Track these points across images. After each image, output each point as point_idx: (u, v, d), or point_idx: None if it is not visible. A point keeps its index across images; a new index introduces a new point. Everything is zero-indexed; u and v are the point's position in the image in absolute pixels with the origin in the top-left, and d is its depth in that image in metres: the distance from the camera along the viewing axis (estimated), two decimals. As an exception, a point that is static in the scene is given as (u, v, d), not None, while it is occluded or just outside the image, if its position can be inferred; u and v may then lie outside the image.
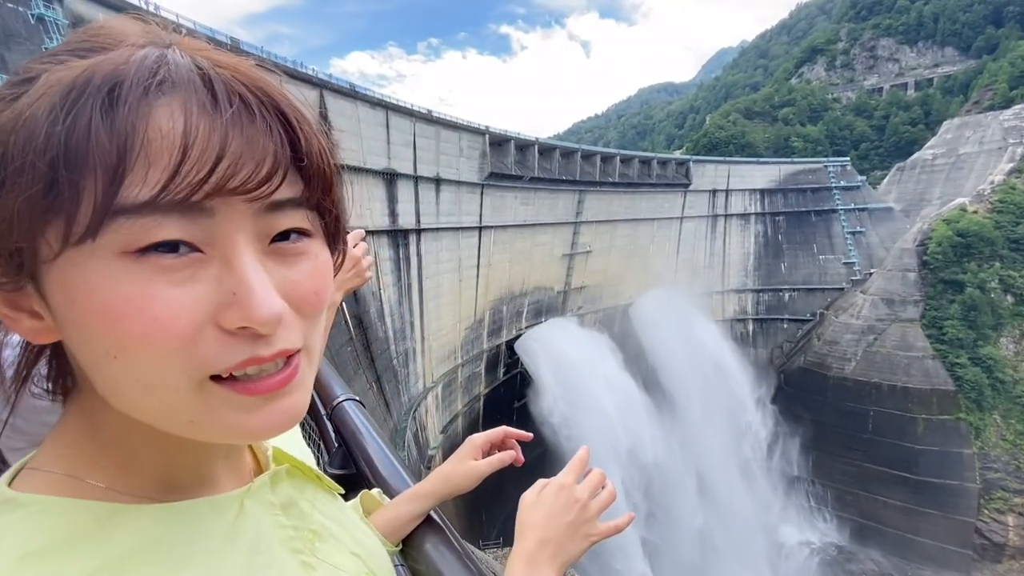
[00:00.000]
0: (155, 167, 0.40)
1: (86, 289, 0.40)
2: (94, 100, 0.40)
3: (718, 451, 46.23)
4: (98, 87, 0.40)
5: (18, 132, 0.40)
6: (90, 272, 0.40)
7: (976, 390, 40.91)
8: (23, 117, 0.40)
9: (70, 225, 0.39)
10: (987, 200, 48.08)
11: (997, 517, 38.95)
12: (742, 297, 59.62)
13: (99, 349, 0.42)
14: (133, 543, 0.44)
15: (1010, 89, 59.21)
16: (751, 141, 78.21)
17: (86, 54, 0.43)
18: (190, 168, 0.40)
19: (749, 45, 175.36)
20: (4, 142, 0.40)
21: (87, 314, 0.41)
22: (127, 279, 0.40)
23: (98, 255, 0.40)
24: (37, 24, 18.86)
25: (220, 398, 0.45)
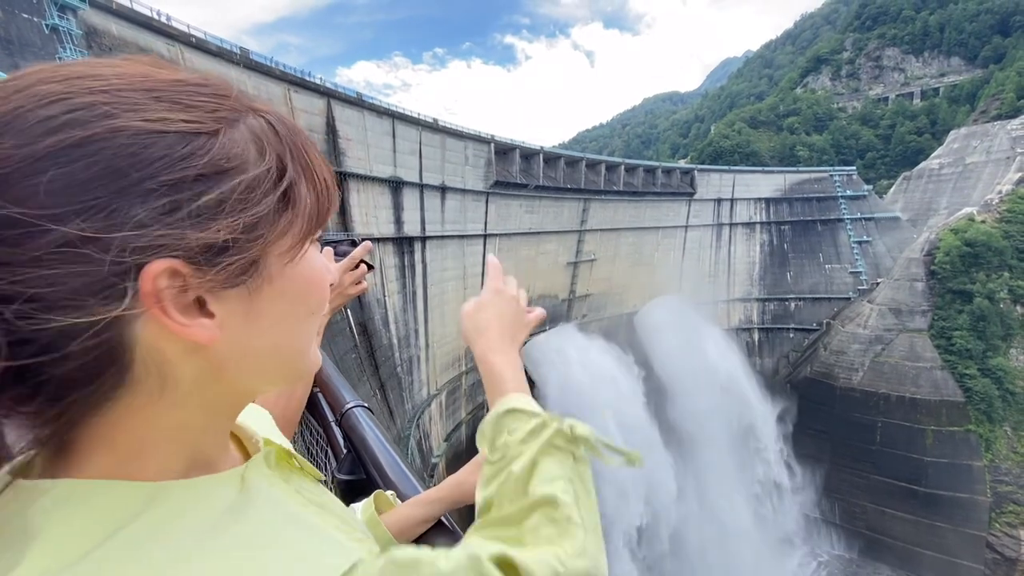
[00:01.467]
0: (332, 193, 0.66)
1: (309, 266, 0.63)
2: (309, 143, 0.63)
3: (727, 472, 45.76)
4: (300, 136, 0.63)
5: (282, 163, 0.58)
6: (310, 253, 0.63)
7: (986, 401, 40.38)
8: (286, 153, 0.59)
9: (318, 226, 0.62)
10: (995, 210, 47.77)
11: (1009, 531, 38.28)
12: (748, 306, 59.33)
13: (304, 310, 0.64)
14: (173, 513, 0.51)
15: (1017, 98, 59.09)
16: (756, 150, 78.19)
17: (243, 108, 0.58)
18: (334, 198, 0.66)
19: (754, 55, 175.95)
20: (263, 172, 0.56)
21: (306, 283, 0.63)
22: (317, 255, 0.66)
23: (311, 241, 0.64)
24: (51, 34, 19.15)
25: (314, 340, 0.70)
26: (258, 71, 25.91)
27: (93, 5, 20.45)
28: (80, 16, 20.06)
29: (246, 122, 0.56)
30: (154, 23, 22.48)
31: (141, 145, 0.48)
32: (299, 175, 0.59)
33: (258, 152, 0.55)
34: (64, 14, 19.46)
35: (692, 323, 52.36)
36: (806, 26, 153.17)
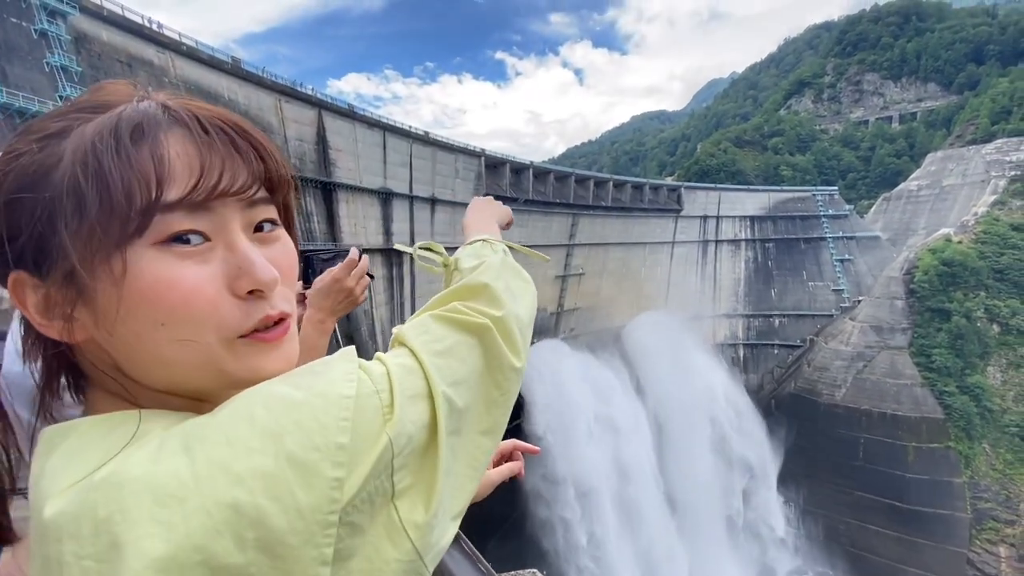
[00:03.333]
0: (179, 180, 0.60)
1: (135, 274, 0.59)
2: (130, 137, 0.60)
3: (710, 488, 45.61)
4: (129, 127, 0.60)
5: (74, 169, 0.58)
6: (137, 261, 0.59)
7: (965, 419, 41.06)
8: (72, 158, 0.59)
9: (124, 229, 0.58)
10: (971, 231, 49.14)
11: (989, 548, 38.70)
12: (733, 322, 59.92)
13: (148, 320, 0.60)
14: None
15: (991, 124, 61.09)
16: (741, 169, 79.69)
17: (97, 110, 0.63)
18: (204, 180, 0.62)
19: (739, 76, 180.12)
20: (56, 182, 0.58)
21: (138, 293, 0.59)
22: (162, 263, 0.60)
23: (140, 249, 0.59)
24: (40, 39, 18.96)
25: (246, 347, 0.65)
26: (249, 81, 25.88)
27: (83, 11, 20.35)
28: (70, 22, 19.91)
29: (81, 130, 0.61)
30: (145, 30, 22.39)
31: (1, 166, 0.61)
32: (101, 180, 0.58)
33: (68, 163, 0.59)
34: (54, 19, 19.32)
35: (678, 338, 52.66)
36: (789, 50, 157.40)
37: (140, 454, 0.52)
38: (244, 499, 0.49)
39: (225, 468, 0.50)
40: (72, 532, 0.49)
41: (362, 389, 0.60)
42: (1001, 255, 46.76)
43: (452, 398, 0.68)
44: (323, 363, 0.63)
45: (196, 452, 0.51)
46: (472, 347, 0.76)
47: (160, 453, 0.52)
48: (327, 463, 0.53)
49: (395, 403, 0.61)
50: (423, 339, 0.73)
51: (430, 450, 0.64)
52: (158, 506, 0.48)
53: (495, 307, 0.82)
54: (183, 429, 0.54)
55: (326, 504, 0.53)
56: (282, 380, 0.60)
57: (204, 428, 0.54)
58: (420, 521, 0.61)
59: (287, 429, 0.53)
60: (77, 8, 20.04)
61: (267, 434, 0.53)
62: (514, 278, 0.97)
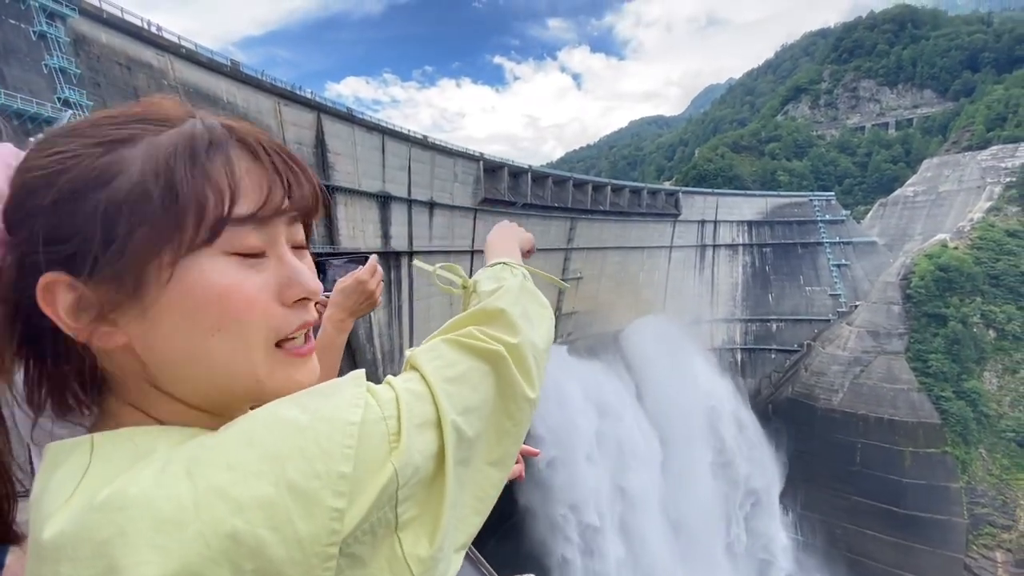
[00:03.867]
0: (248, 196, 0.64)
1: (201, 281, 0.61)
2: (205, 152, 0.63)
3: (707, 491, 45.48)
4: (204, 143, 0.63)
5: (143, 177, 0.59)
6: (204, 268, 0.61)
7: (961, 424, 41.14)
8: (145, 166, 0.60)
9: (194, 238, 0.60)
10: (967, 237, 49.37)
11: (986, 553, 38.71)
12: (731, 327, 60.01)
13: (202, 327, 0.62)
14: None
15: (987, 130, 61.49)
16: (739, 174, 79.97)
17: (163, 124, 0.64)
18: (270, 198, 0.66)
19: (736, 82, 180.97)
20: (123, 187, 0.59)
21: (200, 299, 0.61)
22: (229, 271, 0.63)
23: (209, 256, 0.62)
24: (39, 41, 18.96)
25: (280, 360, 0.68)
26: (248, 84, 25.90)
27: (82, 13, 20.36)
28: (69, 24, 19.92)
29: (150, 140, 0.62)
30: (144, 33, 22.41)
31: (36, 178, 0.59)
32: (180, 189, 0.60)
33: (141, 170, 0.60)
34: (53, 21, 19.33)
35: (677, 343, 52.68)
36: (786, 57, 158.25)
37: (144, 475, 0.51)
38: (243, 528, 0.49)
39: (225, 495, 0.50)
40: (71, 555, 0.48)
41: (368, 415, 0.59)
42: (997, 261, 46.98)
43: (462, 427, 0.67)
44: (332, 385, 0.63)
45: (197, 476, 0.51)
46: (485, 375, 0.75)
47: (163, 476, 0.51)
48: (328, 492, 0.53)
49: (403, 431, 0.60)
50: (435, 364, 0.72)
51: (437, 481, 0.63)
52: (157, 532, 0.47)
53: (511, 334, 0.81)
54: (188, 451, 0.54)
55: (326, 535, 0.52)
56: (290, 401, 0.60)
57: (208, 451, 0.54)
58: (424, 555, 0.60)
59: (289, 455, 0.53)
60: (76, 10, 20.05)
61: (269, 459, 0.53)
62: (532, 303, 0.96)
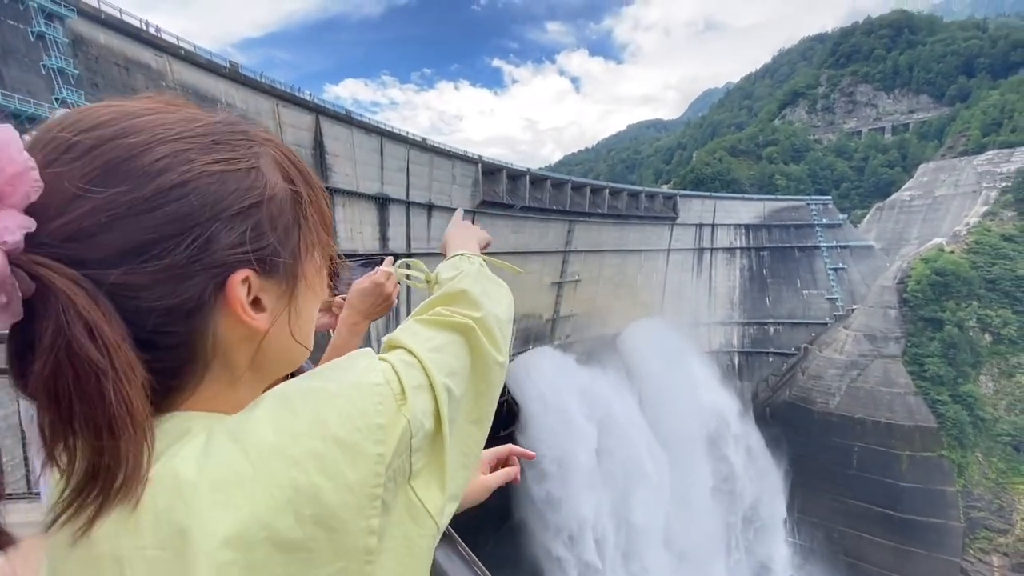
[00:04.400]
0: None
1: (321, 272, 0.81)
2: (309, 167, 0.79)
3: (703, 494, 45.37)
4: (299, 159, 0.78)
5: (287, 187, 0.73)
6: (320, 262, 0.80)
7: (958, 427, 41.23)
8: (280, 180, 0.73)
9: (327, 236, 0.79)
10: (963, 241, 49.59)
11: (982, 557, 38.76)
12: (728, 330, 60.08)
13: (317, 305, 0.82)
14: None
15: (983, 135, 61.83)
16: (736, 178, 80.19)
17: (263, 140, 0.74)
18: None
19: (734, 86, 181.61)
20: (284, 195, 0.73)
21: (323, 284, 0.81)
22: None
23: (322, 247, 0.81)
24: (37, 41, 18.93)
25: None
26: (247, 85, 25.90)
27: (81, 14, 20.34)
28: (67, 24, 19.90)
29: (268, 152, 0.73)
30: (143, 34, 22.40)
31: (219, 183, 0.65)
32: (309, 193, 0.76)
33: (282, 178, 0.73)
34: (51, 22, 19.31)
35: (675, 346, 52.69)
36: (783, 61, 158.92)
37: (188, 449, 0.57)
38: (301, 479, 0.56)
39: (279, 452, 0.57)
40: (130, 529, 0.53)
41: (386, 377, 0.69)
42: (992, 265, 47.18)
43: (450, 387, 0.76)
44: (348, 359, 0.73)
45: (246, 442, 0.57)
46: (459, 344, 0.84)
47: (210, 446, 0.57)
48: (369, 442, 0.61)
49: (406, 391, 0.69)
50: (416, 339, 0.80)
51: (437, 436, 0.72)
52: (219, 492, 0.53)
53: (474, 309, 0.90)
54: (225, 426, 0.61)
55: (372, 478, 0.60)
56: (311, 376, 0.68)
57: (248, 423, 0.60)
58: (438, 499, 0.70)
59: (329, 416, 0.61)
60: (75, 11, 20.04)
61: (313, 422, 0.60)
62: (490, 284, 1.06)
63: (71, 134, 0.61)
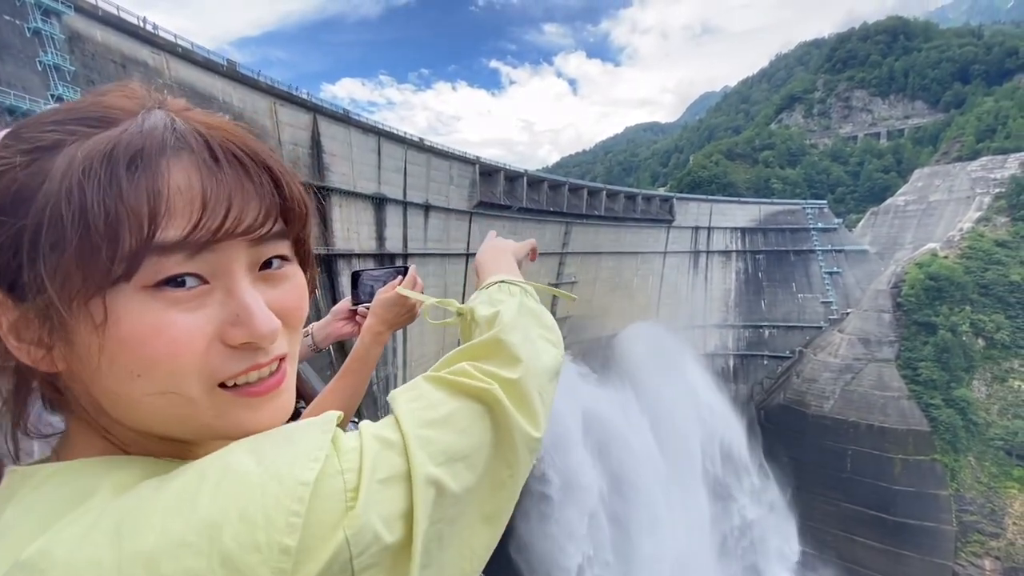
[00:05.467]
0: (179, 217, 0.52)
1: (115, 320, 0.51)
2: (126, 166, 0.51)
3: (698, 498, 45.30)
4: (126, 154, 0.52)
5: (58, 198, 0.49)
6: (120, 307, 0.51)
7: (951, 431, 41.48)
8: (59, 183, 0.50)
9: (108, 272, 0.50)
10: (957, 246, 49.94)
11: (974, 561, 38.97)
12: (723, 332, 60.28)
13: (123, 370, 0.53)
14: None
15: (977, 142, 62.31)
16: (733, 181, 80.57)
17: (97, 125, 0.54)
18: (208, 218, 0.53)
19: (731, 90, 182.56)
20: (38, 207, 0.49)
21: (119, 341, 0.52)
22: (149, 310, 0.52)
23: (126, 292, 0.51)
24: (33, 37, 18.84)
25: (229, 402, 0.58)
26: (244, 84, 25.82)
27: (78, 10, 20.24)
28: (64, 21, 19.80)
29: (74, 146, 0.52)
30: (140, 31, 22.31)
31: None
32: (82, 214, 0.49)
33: (56, 188, 0.50)
34: (48, 18, 19.21)
35: (670, 348, 52.80)
36: (780, 66, 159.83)
37: (71, 532, 0.46)
38: None
39: (150, 565, 0.43)
40: None
41: (326, 469, 0.50)
42: (986, 270, 47.53)
43: (443, 480, 0.57)
44: (300, 429, 0.55)
45: (126, 538, 0.44)
46: (477, 416, 0.64)
47: (91, 534, 0.45)
48: (266, 569, 0.45)
49: (362, 488, 0.50)
50: (413, 406, 0.62)
51: (403, 551, 0.52)
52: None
53: (511, 366, 0.71)
54: (126, 503, 0.47)
55: None
56: (250, 446, 0.52)
57: (145, 506, 0.47)
58: None
59: (230, 519, 0.46)
60: (72, 7, 19.93)
61: (207, 524, 0.45)
62: (534, 325, 0.85)
63: None
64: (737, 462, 47.73)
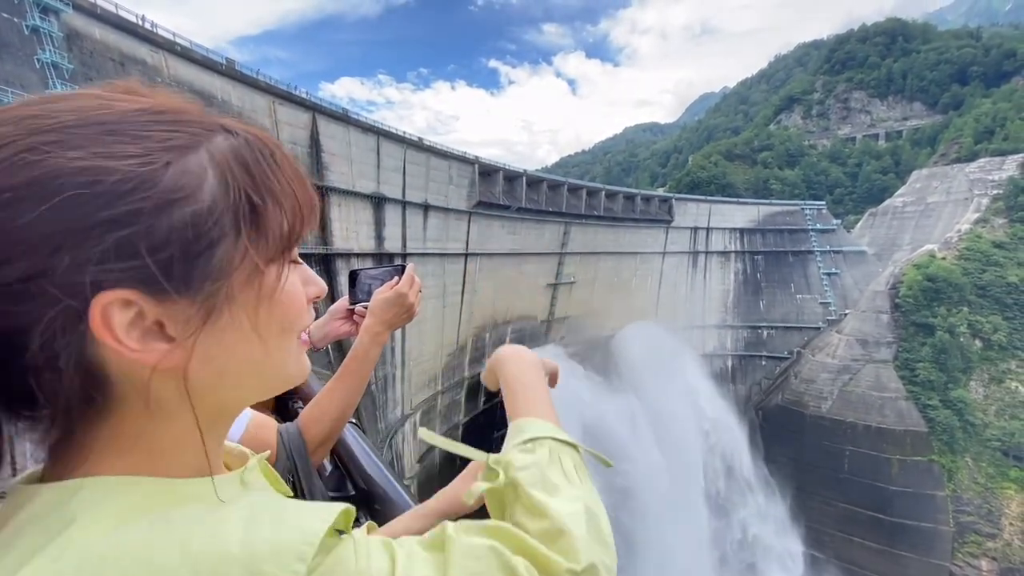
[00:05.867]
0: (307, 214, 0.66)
1: (279, 288, 0.63)
2: (271, 162, 0.62)
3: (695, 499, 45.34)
4: (268, 153, 0.62)
5: (223, 185, 0.56)
6: (275, 276, 0.63)
7: (948, 432, 41.57)
8: (223, 174, 0.57)
9: (289, 244, 0.63)
10: (955, 247, 50.06)
11: (971, 561, 39.07)
12: (722, 333, 60.34)
13: (278, 326, 0.64)
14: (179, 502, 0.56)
15: (975, 143, 62.48)
16: (731, 182, 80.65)
17: (204, 126, 0.59)
18: (317, 210, 0.68)
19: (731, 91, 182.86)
20: (210, 196, 0.55)
21: (276, 306, 0.63)
22: (293, 275, 0.66)
23: (279, 264, 0.63)
24: (31, 35, 18.77)
25: (300, 350, 0.72)
26: (243, 82, 25.76)
27: (76, 8, 20.17)
28: (63, 19, 19.73)
29: (208, 147, 0.57)
30: (139, 29, 22.24)
31: (84, 184, 0.48)
32: (263, 198, 0.59)
33: (217, 178, 0.56)
34: (46, 16, 19.14)
35: (668, 348, 52.82)
36: (779, 67, 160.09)
37: (36, 565, 0.45)
38: None
39: None
40: None
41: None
42: (983, 272, 47.65)
43: None
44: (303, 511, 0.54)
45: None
46: None
47: (49, 572, 0.45)
48: None
49: None
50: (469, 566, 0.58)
51: None
52: None
53: (574, 557, 0.65)
54: (90, 548, 0.46)
55: None
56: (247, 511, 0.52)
57: (111, 556, 0.45)
58: None
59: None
60: (70, 6, 19.87)
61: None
62: (597, 505, 0.77)
63: None
64: (739, 478, 47.74)
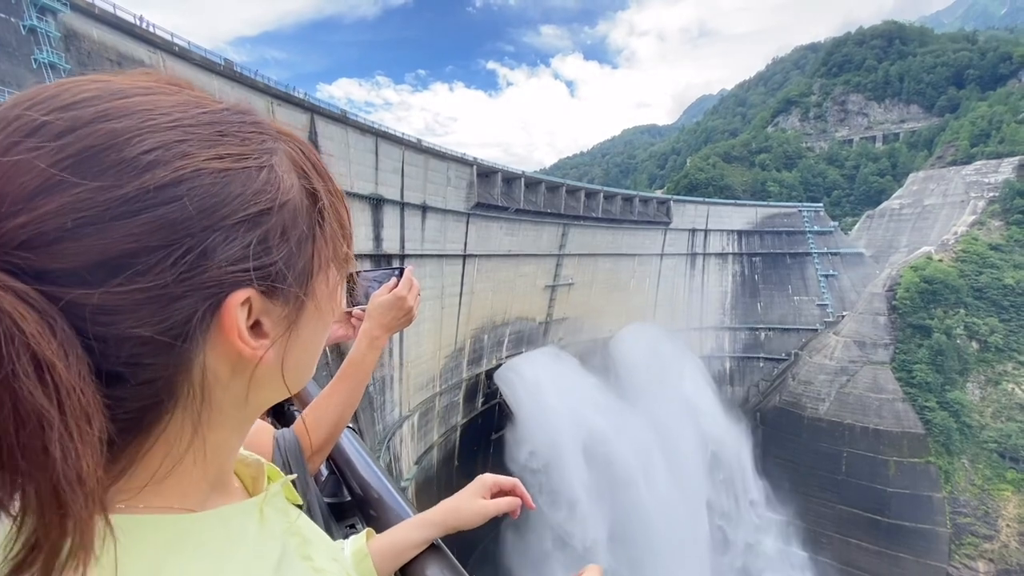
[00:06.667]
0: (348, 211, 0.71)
1: (333, 287, 0.67)
2: (325, 167, 0.67)
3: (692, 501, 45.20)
4: (318, 158, 0.67)
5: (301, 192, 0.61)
6: (338, 271, 0.67)
7: (945, 434, 41.65)
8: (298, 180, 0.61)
9: (345, 248, 0.67)
10: (951, 249, 50.22)
11: (968, 563, 39.13)
12: (719, 335, 60.40)
13: (328, 323, 0.69)
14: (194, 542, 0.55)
15: (971, 146, 62.76)
16: (729, 184, 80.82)
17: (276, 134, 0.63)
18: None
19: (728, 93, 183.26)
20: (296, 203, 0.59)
21: (330, 303, 0.67)
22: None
23: (338, 261, 0.67)
24: (28, 35, 18.71)
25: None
26: (241, 83, 25.73)
27: (74, 8, 20.12)
28: (60, 19, 19.67)
29: (284, 149, 0.61)
30: (136, 30, 22.19)
31: (221, 184, 0.51)
32: (331, 199, 0.64)
33: (298, 178, 0.60)
34: (43, 16, 19.09)
35: (666, 350, 52.82)
36: (777, 70, 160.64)
37: None
38: None
39: None
40: None
41: None
42: (980, 274, 47.81)
43: None
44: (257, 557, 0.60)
45: None
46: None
47: None
48: None
49: None
50: None
51: None
52: None
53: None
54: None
55: None
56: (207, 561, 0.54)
57: None
58: None
59: None
60: (68, 5, 19.82)
61: None
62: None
63: (41, 113, 0.47)
64: (740, 490, 47.61)
